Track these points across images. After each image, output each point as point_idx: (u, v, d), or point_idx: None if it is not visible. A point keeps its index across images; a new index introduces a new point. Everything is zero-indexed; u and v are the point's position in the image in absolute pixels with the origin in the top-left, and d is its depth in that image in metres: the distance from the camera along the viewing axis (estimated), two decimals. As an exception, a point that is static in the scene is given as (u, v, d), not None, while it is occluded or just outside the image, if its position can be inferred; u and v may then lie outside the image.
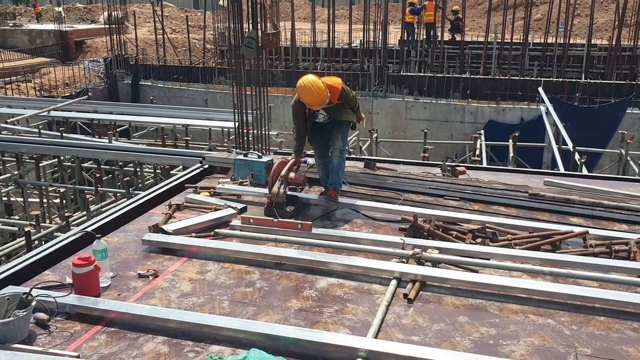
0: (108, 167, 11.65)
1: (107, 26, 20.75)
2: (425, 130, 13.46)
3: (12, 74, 19.77)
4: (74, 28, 27.68)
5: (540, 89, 15.14)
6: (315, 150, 5.54)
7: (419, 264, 4.21)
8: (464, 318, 3.72)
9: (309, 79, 5.04)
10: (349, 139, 7.43)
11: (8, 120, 12.60)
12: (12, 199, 10.85)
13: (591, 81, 16.29)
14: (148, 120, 13.29)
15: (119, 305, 3.75)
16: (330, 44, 19.76)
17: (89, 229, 4.84)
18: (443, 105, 15.88)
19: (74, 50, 25.50)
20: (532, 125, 14.31)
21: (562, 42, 19.47)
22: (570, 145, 11.16)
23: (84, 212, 8.73)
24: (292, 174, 5.38)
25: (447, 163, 6.68)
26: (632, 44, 19.60)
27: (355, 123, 5.50)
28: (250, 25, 7.30)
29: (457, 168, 6.42)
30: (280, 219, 4.91)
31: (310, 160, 6.03)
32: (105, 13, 22.77)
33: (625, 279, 4.15)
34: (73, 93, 17.82)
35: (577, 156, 10.70)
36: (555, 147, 11.70)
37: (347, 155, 5.76)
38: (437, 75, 17.07)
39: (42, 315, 3.60)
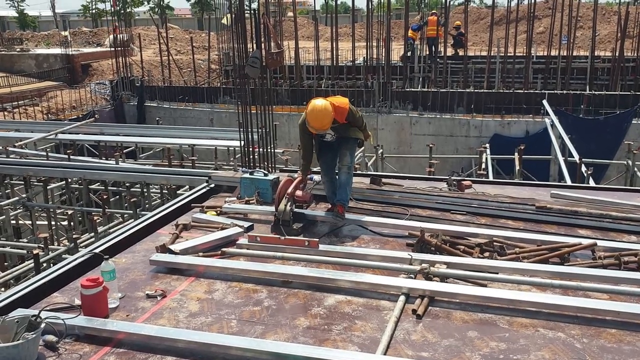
0: (115, 188, 11.58)
1: (112, 49, 20.81)
2: (431, 145, 13.35)
3: (19, 98, 19.84)
4: (80, 51, 27.87)
5: (544, 102, 15.06)
6: (322, 167, 5.49)
7: (427, 280, 4.17)
8: (473, 333, 3.67)
9: (319, 106, 4.97)
10: (355, 155, 7.15)
11: (16, 144, 12.61)
12: (20, 222, 10.81)
13: (595, 93, 16.18)
14: (154, 141, 13.21)
15: (127, 326, 3.71)
16: (334, 62, 19.77)
17: (96, 250, 4.82)
18: (448, 120, 15.74)
19: (80, 73, 25.64)
20: (538, 138, 14.26)
21: (565, 54, 19.42)
22: (576, 157, 11.09)
23: (92, 234, 8.67)
24: (298, 192, 5.33)
25: (453, 177, 6.57)
26: (635, 54, 19.54)
27: (361, 141, 5.49)
28: (254, 45, 7.31)
29: (463, 182, 6.38)
30: (287, 237, 4.87)
31: (317, 177, 5.99)
32: (111, 36, 22.89)
33: (636, 291, 4.09)
34: (80, 115, 17.87)
35: (583, 168, 10.59)
36: (561, 159, 11.63)
37: (353, 172, 5.77)
38: (441, 90, 16.94)
39: (51, 338, 3.57)
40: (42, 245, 8.47)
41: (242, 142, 7.57)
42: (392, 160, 14.39)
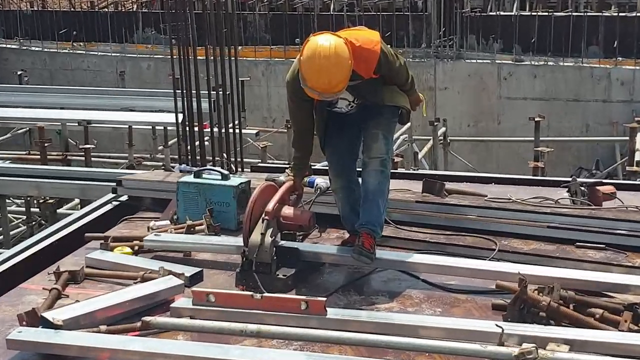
0: None
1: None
2: (538, 119, 9.74)
3: None
4: None
5: None
6: (333, 162, 4.37)
7: None
8: None
9: (324, 48, 3.75)
10: (394, 138, 6.03)
11: None
12: None
13: None
14: (13, 115, 9.86)
15: None
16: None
17: None
18: (569, 71, 11.37)
19: None
20: None
21: None
22: None
23: None
24: (287, 209, 4.24)
25: (580, 179, 5.68)
26: None
27: (406, 111, 4.24)
28: None
29: (598, 188, 5.28)
30: (266, 294, 3.72)
31: (322, 182, 4.94)
32: None
33: None
34: None
35: None
36: None
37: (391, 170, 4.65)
38: (555, 14, 12.13)
39: None
40: None
41: (181, 116, 6.16)
42: (464, 148, 11.13)
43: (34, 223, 8.28)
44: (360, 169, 4.15)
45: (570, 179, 5.64)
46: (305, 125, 4.13)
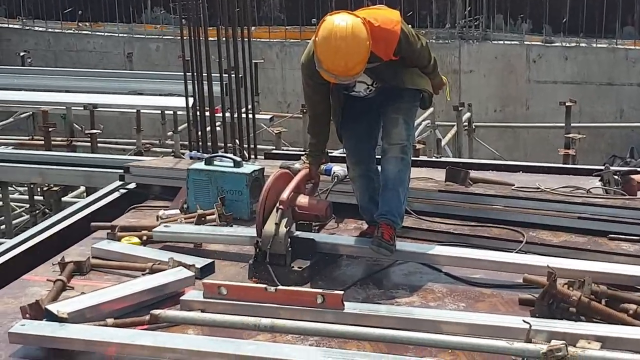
0: None
1: None
2: (569, 104, 9.31)
3: None
4: None
5: None
6: (351, 148, 4.32)
7: None
8: None
9: (340, 28, 3.67)
10: (415, 124, 6.09)
11: None
12: None
13: None
14: (16, 98, 9.65)
15: None
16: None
17: None
18: (602, 53, 11.11)
19: None
20: None
21: None
22: None
23: None
24: (302, 198, 4.18)
25: (613, 167, 5.62)
26: None
27: (428, 95, 4.17)
28: None
29: (633, 177, 5.21)
30: (280, 287, 3.70)
31: (339, 169, 4.87)
32: None
33: None
34: None
35: None
36: None
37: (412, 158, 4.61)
38: None
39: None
40: None
41: (191, 100, 6.14)
42: (490, 134, 10.85)
43: (37, 212, 8.19)
44: (380, 157, 4.15)
45: (602, 167, 5.56)
46: (321, 110, 4.11)
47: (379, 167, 4.21)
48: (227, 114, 6.15)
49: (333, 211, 4.52)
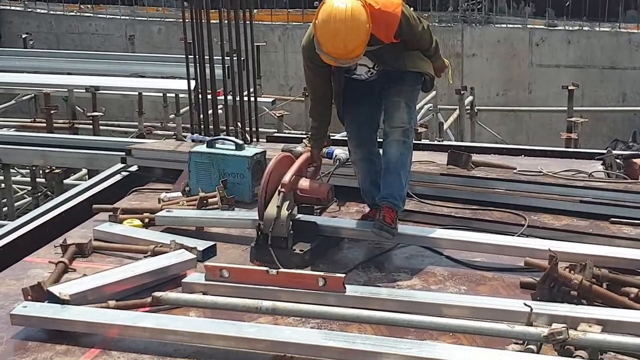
0: None
1: None
2: (571, 88, 9.33)
3: None
4: None
5: None
6: (352, 132, 4.31)
7: (562, 355, 3.06)
8: None
9: (339, 10, 3.67)
10: (417, 107, 5.96)
11: None
12: None
13: None
14: (18, 80, 9.66)
15: None
16: None
17: None
18: (605, 37, 11.09)
19: None
20: None
21: None
22: None
23: None
24: (304, 182, 4.19)
25: (615, 151, 5.61)
26: None
27: (430, 77, 4.18)
28: None
29: (635, 160, 5.19)
30: (282, 270, 3.71)
31: (340, 153, 4.88)
32: None
33: None
34: None
35: None
36: None
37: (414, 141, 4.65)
38: None
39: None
40: None
41: (193, 82, 6.15)
42: (492, 118, 10.90)
43: (39, 194, 8.18)
44: (383, 139, 4.15)
45: (605, 151, 5.59)
46: (323, 93, 4.10)
47: (381, 151, 4.25)
48: (229, 97, 6.15)
49: (335, 194, 4.55)
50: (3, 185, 7.70)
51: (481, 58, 11.51)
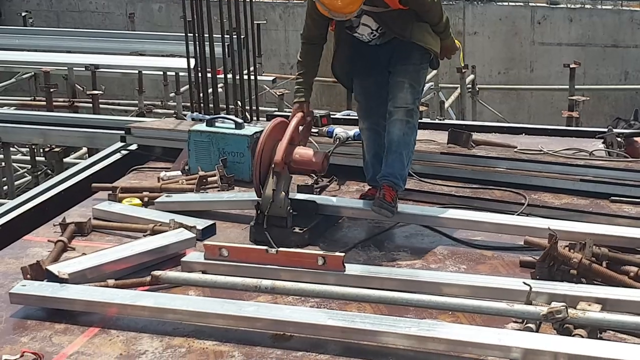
0: None
1: None
2: (573, 66, 9.30)
3: None
4: None
5: None
6: (361, 102, 4.28)
7: (562, 334, 3.12)
8: None
9: None
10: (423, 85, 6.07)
11: None
12: None
13: None
14: (18, 59, 9.58)
15: None
16: None
17: None
18: (607, 14, 10.98)
19: None
20: None
21: None
22: None
23: None
24: (297, 152, 4.07)
25: (616, 130, 5.55)
26: None
27: (436, 55, 4.10)
28: None
29: (636, 139, 5.20)
30: (281, 249, 3.72)
31: (341, 132, 4.83)
32: None
33: None
34: None
35: None
36: None
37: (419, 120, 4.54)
38: None
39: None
40: None
41: (193, 61, 6.13)
42: (493, 96, 10.86)
43: (39, 172, 8.12)
44: (388, 116, 4.10)
45: (606, 130, 5.55)
46: (316, 40, 4.08)
47: (386, 129, 4.17)
48: (229, 76, 6.10)
49: (335, 173, 4.52)
50: (3, 163, 7.69)
51: (483, 36, 11.46)
